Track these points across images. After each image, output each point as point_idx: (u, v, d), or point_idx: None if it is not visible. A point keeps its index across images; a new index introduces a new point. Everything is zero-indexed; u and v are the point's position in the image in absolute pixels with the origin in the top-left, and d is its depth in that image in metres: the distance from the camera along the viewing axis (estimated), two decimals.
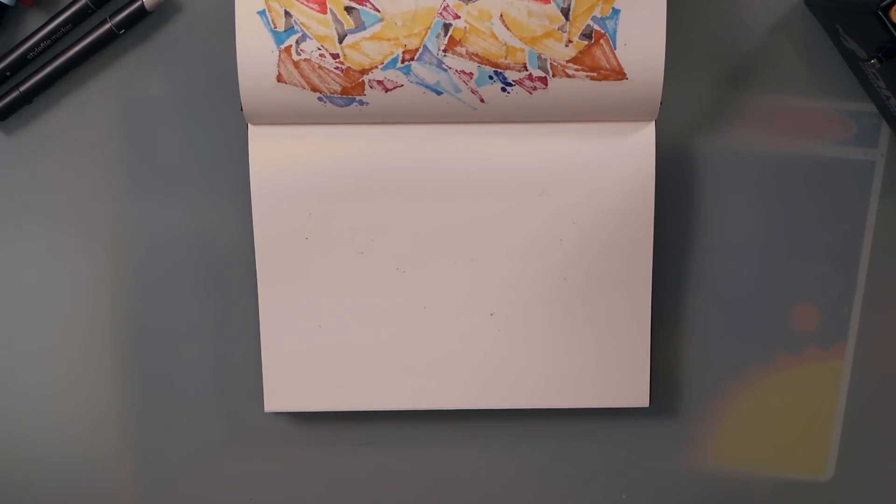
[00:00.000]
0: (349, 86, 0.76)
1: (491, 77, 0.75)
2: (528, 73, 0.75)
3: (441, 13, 0.74)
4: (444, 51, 0.75)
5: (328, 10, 0.74)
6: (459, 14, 0.74)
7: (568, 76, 0.75)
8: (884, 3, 0.68)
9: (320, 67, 0.75)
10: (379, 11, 0.74)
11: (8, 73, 0.79)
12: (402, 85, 0.76)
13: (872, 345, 0.83)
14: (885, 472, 0.85)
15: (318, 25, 0.74)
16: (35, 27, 0.79)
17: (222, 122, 0.80)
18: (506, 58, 0.75)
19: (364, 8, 0.74)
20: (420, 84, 0.76)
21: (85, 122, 0.81)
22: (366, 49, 0.75)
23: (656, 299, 0.83)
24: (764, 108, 0.81)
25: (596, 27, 0.74)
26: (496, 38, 0.75)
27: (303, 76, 0.75)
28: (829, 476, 0.85)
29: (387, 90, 0.76)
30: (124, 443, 0.85)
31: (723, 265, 0.83)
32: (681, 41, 0.80)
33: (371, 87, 0.76)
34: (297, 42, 0.75)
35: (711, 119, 0.81)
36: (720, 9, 0.79)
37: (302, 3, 0.74)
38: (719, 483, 0.84)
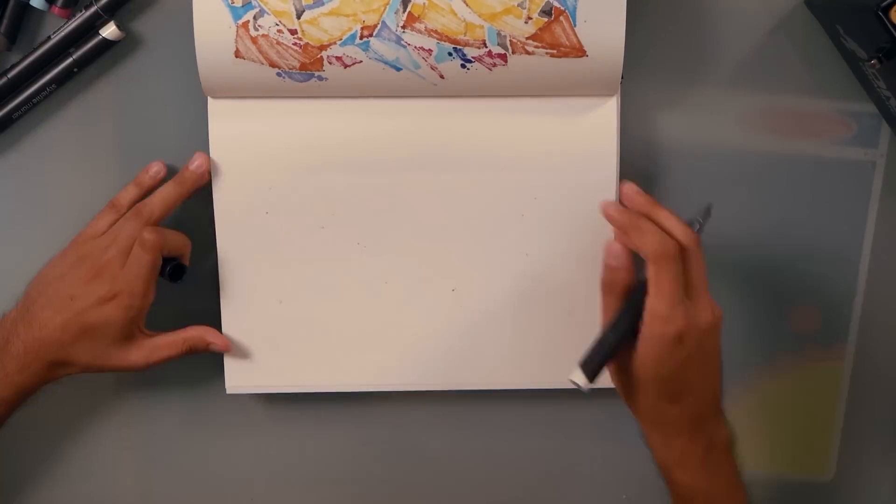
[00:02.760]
0: (308, 62, 0.75)
1: (450, 54, 0.75)
2: (487, 49, 0.75)
3: None
4: (403, 27, 0.74)
5: None
6: None
7: (528, 53, 0.75)
8: (884, 3, 0.68)
9: (278, 43, 0.75)
10: None
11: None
12: (361, 61, 0.75)
13: (872, 345, 0.84)
14: (885, 472, 0.85)
15: (275, 1, 0.74)
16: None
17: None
18: (465, 34, 0.74)
19: None
20: (379, 60, 0.75)
21: (86, 127, 0.81)
22: (324, 25, 0.74)
23: None
24: (764, 108, 0.81)
25: (556, 4, 0.74)
26: (455, 15, 0.74)
27: (261, 52, 0.75)
28: (829, 476, 0.85)
29: (346, 66, 0.76)
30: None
31: (723, 265, 0.83)
32: (681, 41, 0.80)
33: (330, 63, 0.75)
34: (255, 18, 0.74)
35: (712, 119, 0.81)
36: (721, 9, 0.79)
37: None
38: None
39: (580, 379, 0.71)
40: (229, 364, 0.81)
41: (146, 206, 0.78)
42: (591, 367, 0.72)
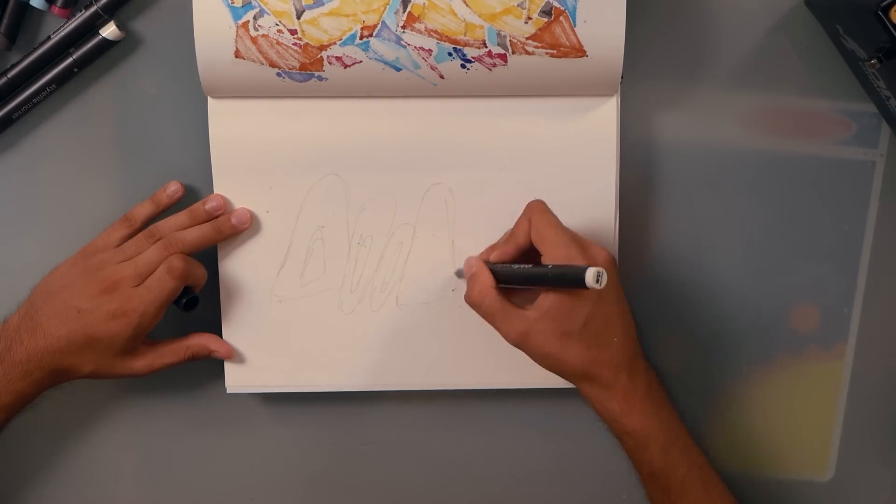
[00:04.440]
0: (308, 62, 0.75)
1: (450, 54, 0.75)
2: (487, 49, 0.75)
3: None
4: (403, 27, 0.74)
5: None
6: None
7: (527, 53, 0.75)
8: (884, 3, 0.68)
9: (278, 43, 0.75)
10: None
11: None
12: (361, 61, 0.75)
13: (872, 345, 0.84)
14: (885, 472, 0.85)
15: (275, 1, 0.74)
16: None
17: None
18: (465, 34, 0.74)
19: None
20: (379, 60, 0.75)
21: (86, 127, 0.81)
22: (324, 25, 0.74)
23: (656, 301, 0.83)
24: (764, 108, 0.81)
25: (556, 4, 0.74)
26: (455, 15, 0.74)
27: (261, 52, 0.75)
28: (829, 476, 0.85)
29: (346, 66, 0.76)
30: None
31: (723, 265, 0.83)
32: (681, 41, 0.80)
33: (330, 63, 0.75)
34: (255, 18, 0.74)
35: (712, 119, 0.81)
36: (720, 9, 0.79)
37: None
38: None
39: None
40: (229, 364, 0.82)
41: (178, 240, 0.77)
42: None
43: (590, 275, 0.68)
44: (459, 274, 0.80)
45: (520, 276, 0.74)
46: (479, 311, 0.75)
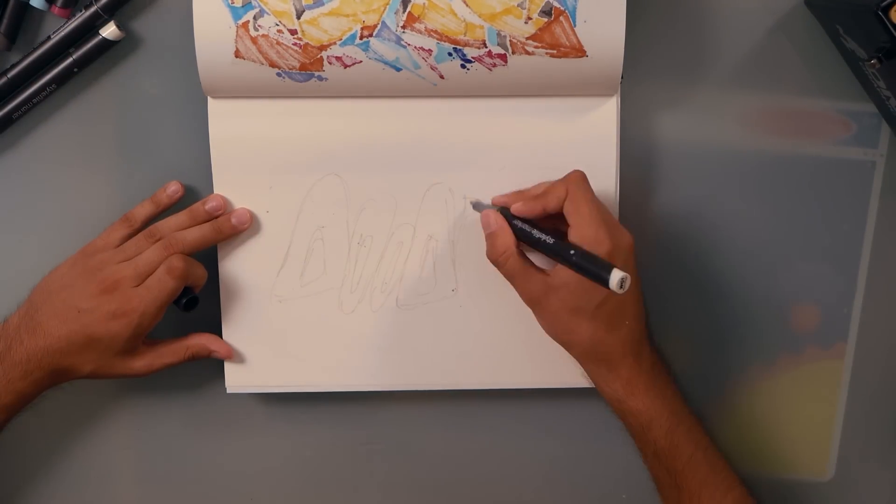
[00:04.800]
0: (308, 62, 0.75)
1: (450, 54, 0.75)
2: (487, 49, 0.75)
3: None
4: (403, 27, 0.74)
5: None
6: None
7: (527, 53, 0.75)
8: (884, 3, 0.68)
9: (278, 43, 0.75)
10: None
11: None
12: (361, 61, 0.75)
13: (872, 345, 0.84)
14: (885, 472, 0.85)
15: (275, 1, 0.74)
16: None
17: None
18: (465, 34, 0.74)
19: None
20: (379, 60, 0.75)
21: (86, 127, 0.81)
22: (324, 25, 0.74)
23: (656, 300, 0.83)
24: (764, 108, 0.81)
25: (556, 4, 0.74)
26: (455, 15, 0.74)
27: (261, 52, 0.75)
28: (829, 476, 0.85)
29: (346, 66, 0.76)
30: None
31: (723, 265, 0.83)
32: (681, 41, 0.80)
33: (330, 63, 0.76)
34: (255, 18, 0.74)
35: (712, 119, 0.81)
36: (720, 9, 0.79)
37: None
38: None
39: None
40: (229, 364, 0.82)
41: (178, 240, 0.77)
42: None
43: (614, 280, 0.68)
44: (477, 206, 0.79)
45: (541, 245, 0.74)
46: (501, 270, 0.76)
